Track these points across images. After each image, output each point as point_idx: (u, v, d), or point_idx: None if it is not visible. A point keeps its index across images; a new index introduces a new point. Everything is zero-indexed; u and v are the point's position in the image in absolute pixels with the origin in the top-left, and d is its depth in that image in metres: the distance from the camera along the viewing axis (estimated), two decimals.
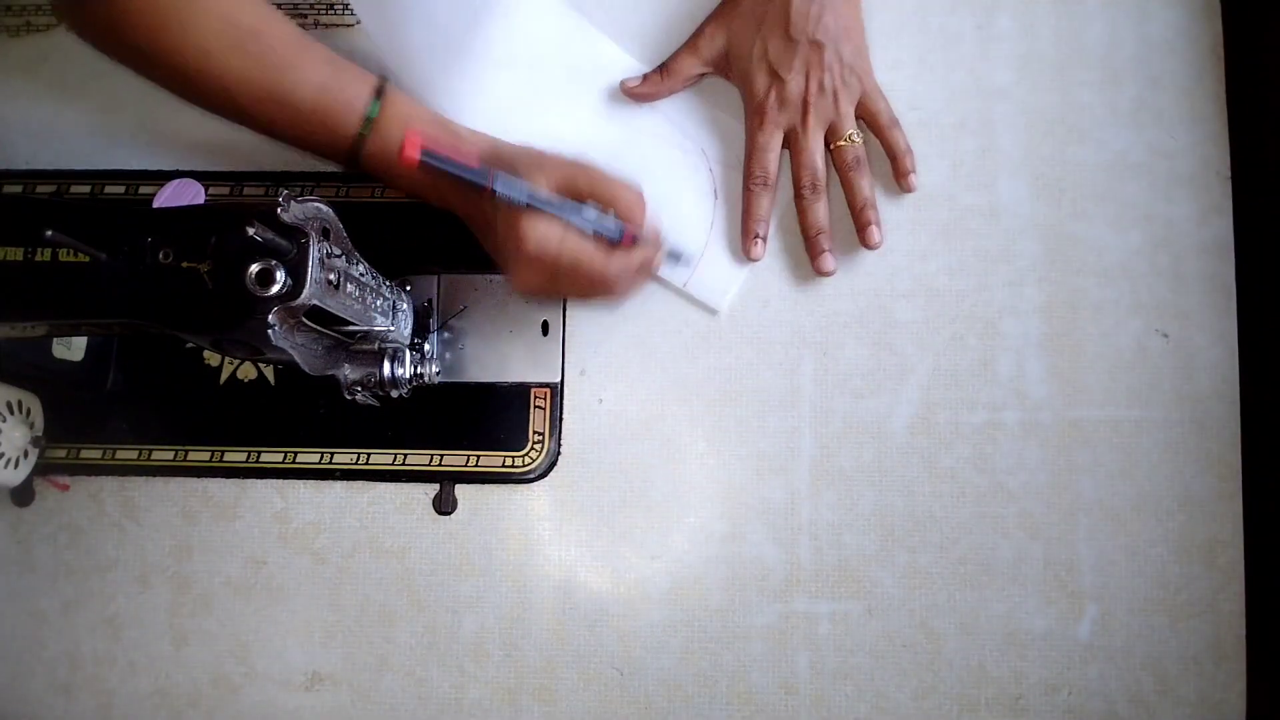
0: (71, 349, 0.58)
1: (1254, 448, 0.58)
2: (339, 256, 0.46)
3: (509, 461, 0.59)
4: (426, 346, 0.58)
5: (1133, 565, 0.58)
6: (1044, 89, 0.61)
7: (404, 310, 0.55)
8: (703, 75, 0.60)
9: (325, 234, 0.46)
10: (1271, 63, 0.60)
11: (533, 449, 0.59)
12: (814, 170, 0.57)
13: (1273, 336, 0.59)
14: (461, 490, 0.59)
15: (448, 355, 0.60)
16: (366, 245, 0.51)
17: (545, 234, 0.49)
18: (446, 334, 0.60)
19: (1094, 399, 0.59)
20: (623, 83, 0.60)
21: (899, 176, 0.59)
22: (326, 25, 0.63)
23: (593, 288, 0.52)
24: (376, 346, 0.53)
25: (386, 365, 0.53)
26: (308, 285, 0.43)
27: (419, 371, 0.56)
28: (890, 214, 0.61)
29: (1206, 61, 0.61)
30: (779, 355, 0.60)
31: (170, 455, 0.60)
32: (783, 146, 0.59)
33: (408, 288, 0.58)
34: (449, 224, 0.60)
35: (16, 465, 0.56)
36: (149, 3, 0.50)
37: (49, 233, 0.41)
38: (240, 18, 0.52)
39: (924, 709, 0.57)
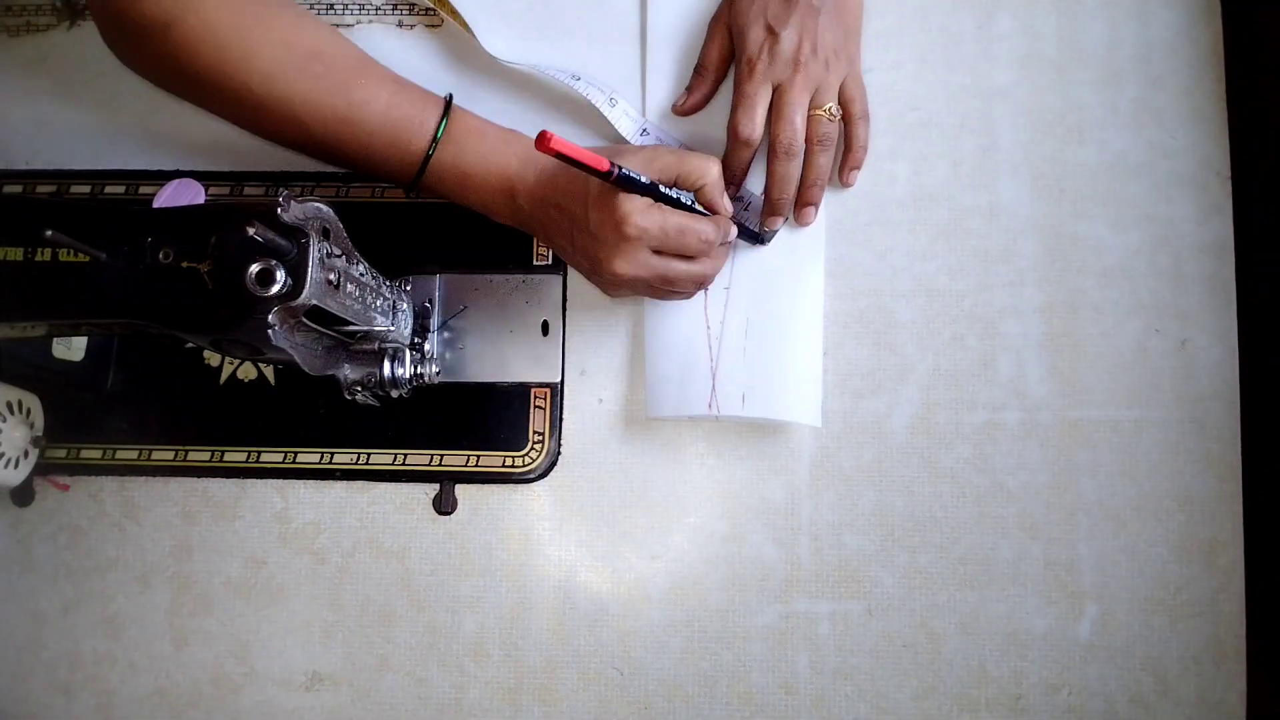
0: (71, 349, 0.58)
1: (1254, 448, 0.58)
2: (339, 256, 0.46)
3: (509, 461, 0.59)
4: (426, 346, 0.58)
5: (1133, 565, 0.58)
6: (1044, 89, 0.61)
7: (404, 310, 0.55)
8: (730, 58, 0.59)
9: (325, 234, 0.46)
10: (1271, 63, 0.60)
11: (533, 449, 0.59)
12: (794, 130, 0.56)
13: (1273, 336, 0.59)
14: (461, 490, 0.59)
15: (448, 355, 0.60)
16: (366, 245, 0.51)
17: (644, 208, 0.50)
18: (446, 334, 0.60)
19: (1094, 399, 0.59)
20: (674, 106, 0.60)
21: (845, 167, 0.60)
22: None
23: (695, 255, 0.53)
24: (376, 346, 0.53)
25: (386, 365, 0.53)
26: (308, 285, 0.43)
27: (419, 371, 0.56)
28: (891, 214, 0.61)
29: (1206, 61, 0.61)
30: None
31: (170, 455, 0.60)
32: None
33: (408, 288, 0.58)
34: (449, 224, 0.60)
35: (16, 465, 0.56)
36: (209, 31, 0.50)
37: (49, 233, 0.41)
38: (301, 40, 0.52)
39: (924, 709, 0.57)
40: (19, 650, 0.59)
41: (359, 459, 0.59)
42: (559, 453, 0.60)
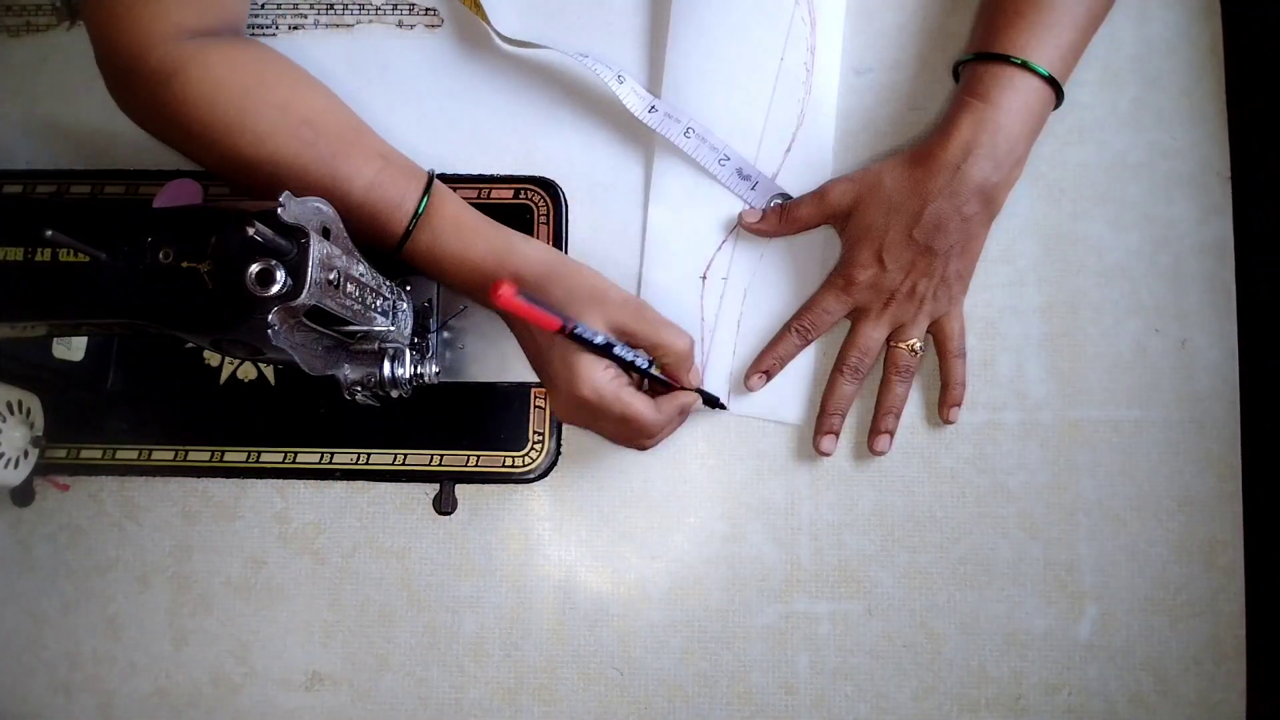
0: (71, 349, 0.58)
1: (1254, 448, 0.58)
2: (339, 256, 0.46)
3: (509, 461, 0.59)
4: (426, 346, 0.58)
5: (1133, 565, 0.58)
6: None
7: (404, 310, 0.55)
8: (819, 225, 0.59)
9: (325, 234, 0.46)
10: (1271, 63, 0.60)
11: (533, 449, 0.59)
12: (865, 354, 0.57)
13: (1273, 336, 0.59)
14: (461, 490, 0.59)
15: (448, 355, 0.60)
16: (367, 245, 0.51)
17: (601, 381, 0.51)
18: (446, 334, 0.60)
19: (1094, 399, 0.59)
20: (741, 215, 0.59)
21: (945, 405, 0.58)
22: (326, 25, 0.63)
23: (634, 438, 0.54)
24: (376, 346, 0.53)
25: (386, 365, 0.53)
26: (308, 285, 0.43)
27: (419, 371, 0.56)
28: None
29: (1206, 61, 0.61)
30: None
31: (170, 455, 0.60)
32: (845, 317, 0.58)
33: (408, 288, 0.57)
34: None
35: (16, 465, 0.56)
36: (210, 86, 0.50)
37: (49, 233, 0.41)
38: (297, 105, 0.52)
39: (924, 709, 0.57)
40: (19, 650, 0.59)
41: (359, 459, 0.59)
42: (559, 453, 0.60)
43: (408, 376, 0.54)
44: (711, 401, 0.57)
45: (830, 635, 0.58)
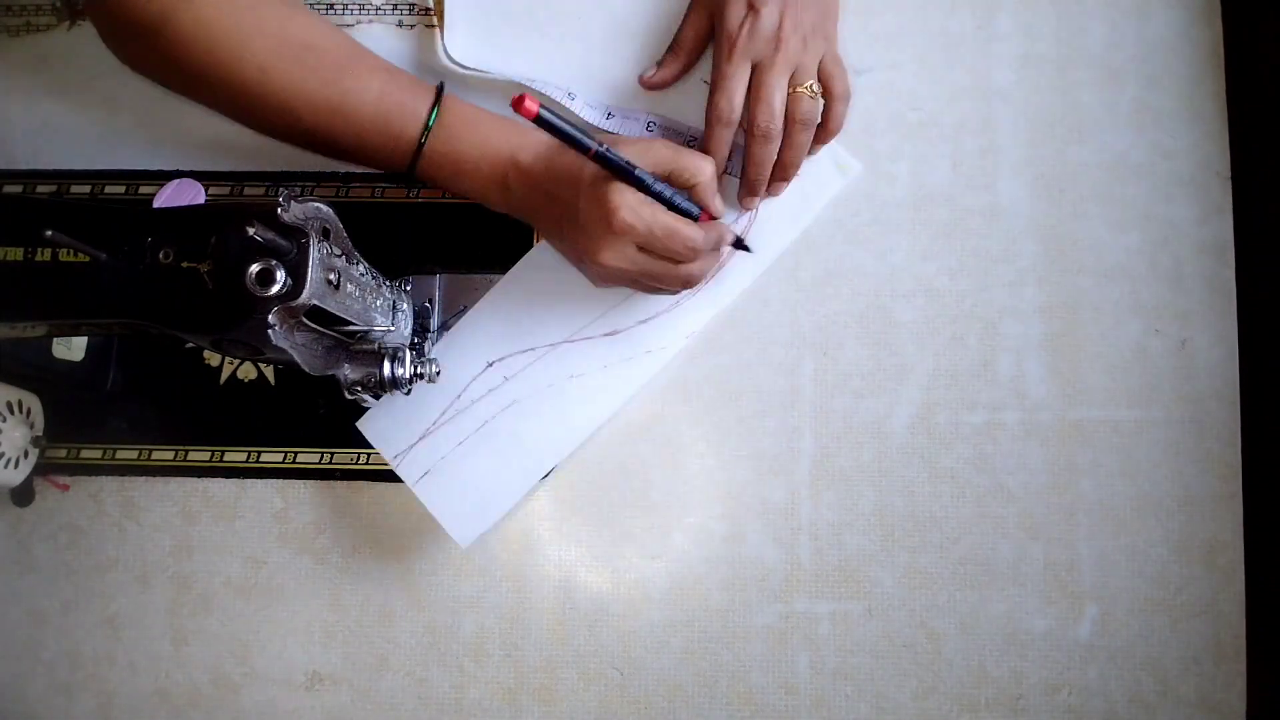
0: (71, 349, 0.58)
1: (1254, 448, 0.58)
2: (339, 256, 0.46)
3: None
4: (426, 346, 0.58)
5: (1133, 565, 0.58)
6: (1044, 89, 0.61)
7: (404, 310, 0.55)
8: (708, 39, 0.59)
9: (325, 234, 0.46)
10: (1271, 63, 0.60)
11: None
12: (772, 113, 0.56)
13: (1273, 336, 0.59)
14: None
15: None
16: (366, 245, 0.51)
17: (636, 202, 0.50)
18: (447, 334, 0.60)
19: (1094, 399, 0.59)
20: (641, 78, 0.60)
21: (819, 140, 0.58)
22: None
23: (679, 268, 0.53)
24: (376, 346, 0.53)
25: (386, 365, 0.53)
26: (308, 285, 0.43)
27: (419, 371, 0.56)
28: (891, 214, 0.61)
29: (1206, 61, 0.61)
30: (779, 355, 0.60)
31: (170, 455, 0.60)
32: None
33: (408, 288, 0.58)
34: (449, 224, 0.60)
35: (16, 465, 0.56)
36: (202, 28, 0.50)
37: (49, 233, 0.41)
38: (294, 32, 0.52)
39: (924, 709, 0.57)
40: (19, 650, 0.59)
41: (358, 459, 0.59)
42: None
43: (408, 376, 0.54)
44: (739, 244, 0.58)
45: (830, 635, 0.58)
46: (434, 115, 0.54)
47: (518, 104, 0.45)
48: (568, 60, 0.61)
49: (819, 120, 0.57)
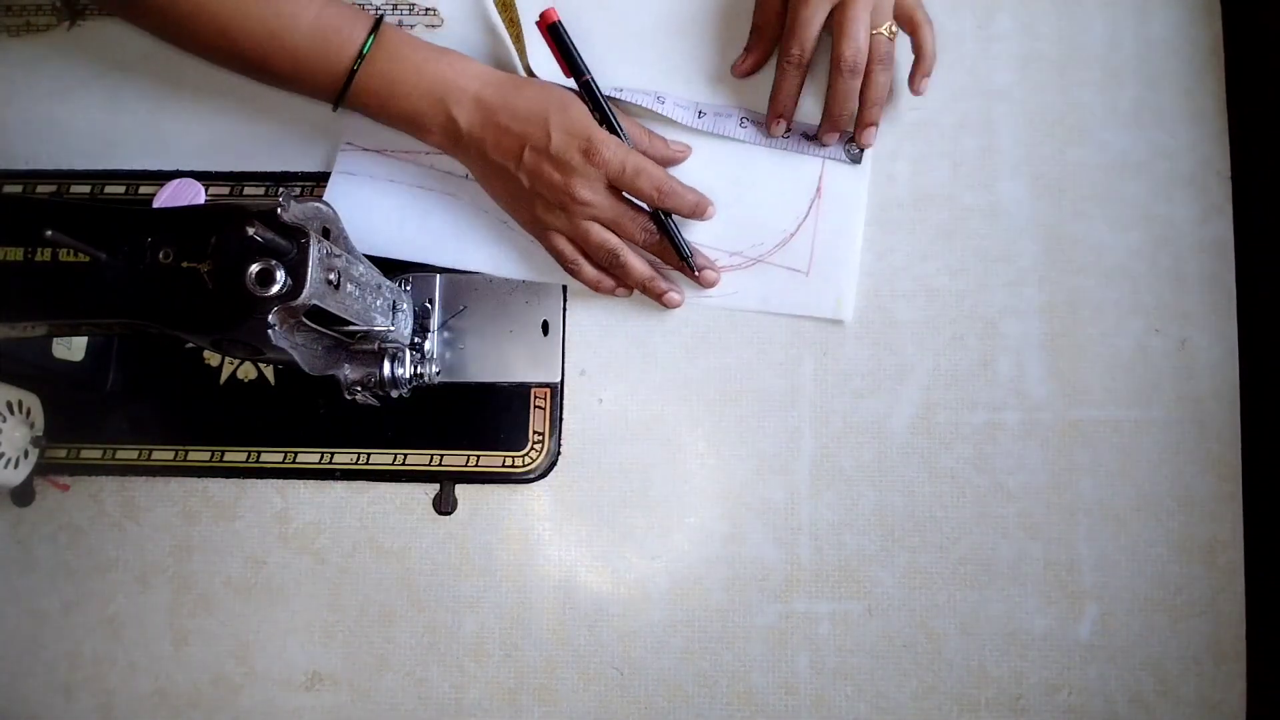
0: (71, 349, 0.58)
1: (1254, 448, 0.58)
2: (339, 256, 0.46)
3: (509, 461, 0.59)
4: (426, 346, 0.58)
5: (1133, 565, 0.58)
6: (1044, 89, 0.61)
7: (404, 310, 0.55)
8: (784, 15, 0.59)
9: (325, 234, 0.46)
10: (1271, 63, 0.60)
11: (533, 449, 0.59)
12: (857, 46, 0.56)
13: (1273, 336, 0.59)
14: (461, 490, 0.59)
15: (448, 355, 0.60)
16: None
17: (614, 142, 0.54)
18: (446, 334, 0.60)
19: (1094, 399, 0.59)
20: (732, 68, 0.60)
21: (915, 76, 0.59)
22: None
23: (650, 199, 0.56)
24: (376, 346, 0.53)
25: (386, 365, 0.53)
26: (308, 285, 0.43)
27: (419, 371, 0.56)
28: (890, 214, 0.61)
29: (1206, 61, 0.61)
30: (779, 355, 0.60)
31: (170, 455, 0.60)
32: (825, 29, 0.58)
33: (408, 288, 0.58)
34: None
35: (16, 465, 0.56)
36: None
37: (49, 233, 0.41)
38: None
39: (924, 709, 0.57)
40: (19, 650, 0.59)
41: (359, 459, 0.59)
42: (559, 453, 0.60)
43: (408, 376, 0.54)
44: (687, 263, 0.58)
45: (830, 635, 0.58)
46: (372, 38, 0.54)
47: (544, 21, 0.50)
48: (652, 64, 0.61)
49: (894, 55, 0.58)
